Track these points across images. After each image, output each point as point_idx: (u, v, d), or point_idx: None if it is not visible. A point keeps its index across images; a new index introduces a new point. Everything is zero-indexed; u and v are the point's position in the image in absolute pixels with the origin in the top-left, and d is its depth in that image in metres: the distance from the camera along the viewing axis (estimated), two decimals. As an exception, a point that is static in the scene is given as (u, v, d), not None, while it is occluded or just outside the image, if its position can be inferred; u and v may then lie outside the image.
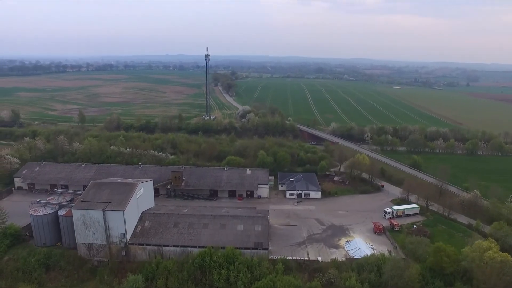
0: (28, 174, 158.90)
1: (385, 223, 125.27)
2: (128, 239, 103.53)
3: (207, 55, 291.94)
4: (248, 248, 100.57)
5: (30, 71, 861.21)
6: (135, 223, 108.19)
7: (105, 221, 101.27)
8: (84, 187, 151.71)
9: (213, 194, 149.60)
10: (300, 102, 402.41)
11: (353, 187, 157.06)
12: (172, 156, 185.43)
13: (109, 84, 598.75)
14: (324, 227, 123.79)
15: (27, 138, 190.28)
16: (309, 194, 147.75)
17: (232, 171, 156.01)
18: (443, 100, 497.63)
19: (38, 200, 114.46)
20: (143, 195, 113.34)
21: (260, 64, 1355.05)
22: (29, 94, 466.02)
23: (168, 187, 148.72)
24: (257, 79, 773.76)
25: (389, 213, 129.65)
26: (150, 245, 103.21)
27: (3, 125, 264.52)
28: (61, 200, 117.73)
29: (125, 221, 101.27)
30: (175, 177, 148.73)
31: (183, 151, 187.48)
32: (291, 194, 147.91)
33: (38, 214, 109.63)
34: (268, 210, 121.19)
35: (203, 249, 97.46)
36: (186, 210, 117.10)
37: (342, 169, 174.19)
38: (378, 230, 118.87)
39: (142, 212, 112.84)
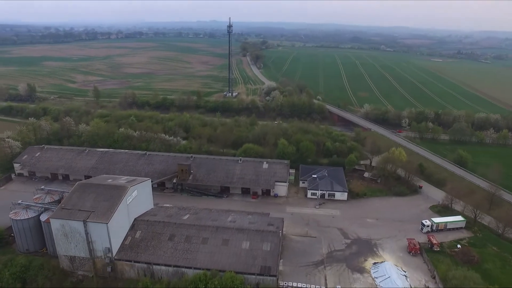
0: (28, 160, 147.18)
1: (422, 238, 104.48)
2: (114, 254, 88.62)
3: (229, 26, 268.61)
4: (253, 274, 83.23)
5: (61, 39, 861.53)
6: (124, 234, 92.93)
7: (86, 233, 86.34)
8: (86, 177, 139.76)
9: (225, 190, 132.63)
10: (332, 77, 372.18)
11: (385, 187, 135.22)
12: (184, 142, 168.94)
13: (135, 54, 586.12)
14: (348, 241, 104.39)
15: (32, 118, 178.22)
16: (333, 195, 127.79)
17: (247, 164, 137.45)
18: (492, 76, 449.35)
19: (20, 201, 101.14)
20: (136, 199, 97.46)
21: (293, 32, 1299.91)
22: (55, 63, 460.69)
23: (174, 181, 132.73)
24: (288, 48, 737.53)
25: (428, 226, 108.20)
26: (139, 262, 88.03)
27: (19, 100, 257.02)
28: (48, 199, 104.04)
29: (109, 234, 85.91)
30: (182, 170, 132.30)
31: (196, 136, 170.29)
32: (313, 194, 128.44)
33: (18, 218, 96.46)
34: (282, 219, 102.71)
35: (198, 272, 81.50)
36: (186, 217, 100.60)
37: (374, 163, 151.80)
38: (413, 251, 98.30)
39: (135, 219, 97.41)
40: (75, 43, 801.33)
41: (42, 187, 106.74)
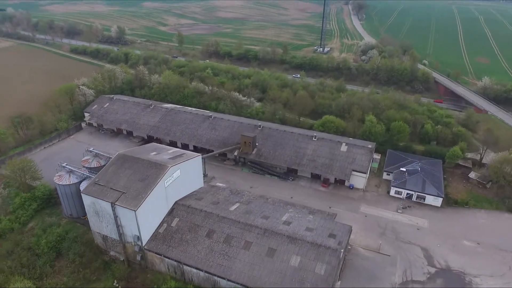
0: (96, 110, 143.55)
1: (545, 284, 75.65)
2: (144, 243, 77.62)
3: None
4: (297, 304, 65.78)
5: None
6: (160, 220, 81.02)
7: (115, 216, 75.93)
8: (148, 137, 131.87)
9: (291, 171, 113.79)
10: (446, 36, 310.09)
11: (497, 197, 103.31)
12: (258, 104, 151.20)
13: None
14: (433, 270, 79.91)
15: (109, 65, 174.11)
16: (424, 198, 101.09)
17: (322, 143, 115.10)
18: None
19: (64, 163, 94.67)
20: (179, 180, 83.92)
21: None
22: (152, 4, 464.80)
23: (235, 153, 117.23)
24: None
25: (557, 269, 78.14)
26: (169, 258, 75.89)
27: (110, 42, 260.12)
28: (94, 163, 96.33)
29: (138, 222, 74.24)
30: (245, 142, 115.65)
31: (271, 99, 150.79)
32: (398, 193, 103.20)
33: (61, 183, 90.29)
34: (350, 229, 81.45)
35: (233, 286, 66.75)
36: (234, 207, 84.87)
37: (485, 160, 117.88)
38: (529, 305, 71.07)
39: (176, 202, 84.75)
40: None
41: (91, 148, 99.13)
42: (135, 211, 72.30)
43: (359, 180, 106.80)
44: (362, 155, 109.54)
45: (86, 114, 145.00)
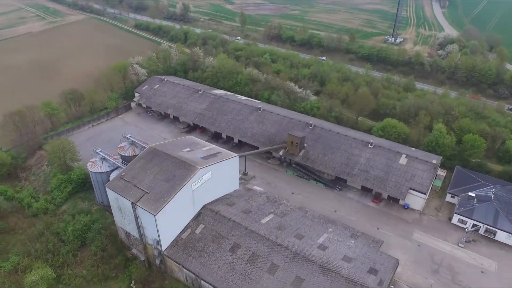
0: (146, 91, 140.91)
1: None
2: (163, 249, 72.10)
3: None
4: None
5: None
6: (184, 225, 75.02)
7: (136, 216, 70.94)
8: (194, 125, 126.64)
9: (340, 180, 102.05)
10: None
11: None
12: (314, 98, 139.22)
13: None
14: (498, 330, 65.76)
15: (166, 44, 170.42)
16: (495, 234, 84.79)
17: (378, 152, 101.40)
18: None
19: (98, 149, 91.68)
20: (210, 182, 76.95)
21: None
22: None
23: (281, 153, 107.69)
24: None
25: None
26: (187, 269, 69.66)
27: (175, 19, 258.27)
28: (129, 152, 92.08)
29: (158, 227, 68.53)
30: (292, 142, 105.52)
31: (329, 93, 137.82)
32: (462, 222, 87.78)
33: (93, 170, 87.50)
34: (396, 263, 69.40)
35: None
36: (267, 219, 76.31)
37: None
38: None
39: (204, 206, 78.05)
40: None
41: (128, 135, 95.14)
42: (154, 215, 66.46)
43: (416, 200, 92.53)
44: (424, 172, 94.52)
45: (136, 94, 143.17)
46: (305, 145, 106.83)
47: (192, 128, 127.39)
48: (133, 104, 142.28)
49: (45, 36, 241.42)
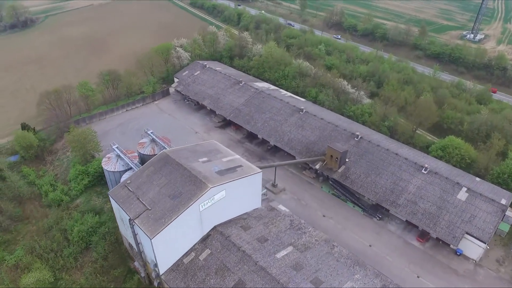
0: (186, 77, 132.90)
1: None
2: (161, 272, 63.96)
3: None
4: None
5: None
6: (188, 247, 65.97)
7: (134, 234, 63.19)
8: (229, 122, 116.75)
9: (382, 207, 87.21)
10: None
11: None
12: (368, 101, 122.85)
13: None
14: None
15: (212, 26, 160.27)
16: None
17: (433, 180, 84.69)
18: None
19: (115, 144, 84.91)
20: (225, 201, 67.12)
21: None
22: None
23: (317, 166, 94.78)
24: None
25: None
26: (183, 302, 61.08)
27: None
28: (148, 150, 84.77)
29: (155, 251, 60.13)
30: (331, 156, 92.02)
31: (386, 98, 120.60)
32: (530, 283, 70.48)
33: (107, 167, 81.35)
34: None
35: None
36: (283, 253, 65.03)
37: None
38: None
39: (215, 227, 68.58)
40: None
41: (150, 131, 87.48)
42: (151, 239, 58.03)
43: (472, 247, 75.88)
44: (488, 214, 77.13)
45: (175, 80, 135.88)
46: (346, 160, 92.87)
47: (227, 123, 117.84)
48: (171, 90, 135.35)
49: (103, 9, 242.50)
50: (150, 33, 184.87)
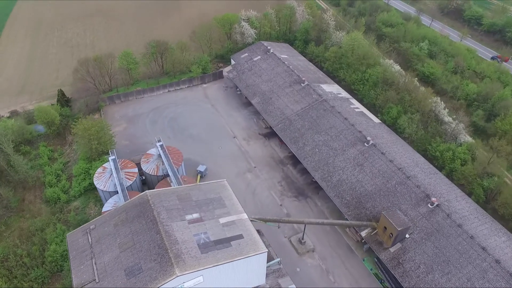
0: (242, 62, 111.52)
1: None
2: None
3: None
4: None
5: None
6: None
7: (74, 309, 48.10)
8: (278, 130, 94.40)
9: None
10: None
11: None
12: (467, 140, 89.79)
13: None
14: None
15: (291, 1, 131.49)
16: None
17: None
18: None
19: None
20: (206, 284, 48.71)
21: None
22: None
23: (363, 234, 70.03)
24: None
25: None
26: None
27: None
28: (151, 168, 68.52)
29: None
30: (385, 228, 66.32)
31: (496, 143, 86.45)
32: None
33: (97, 183, 67.48)
34: None
35: None
36: None
37: None
38: None
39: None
40: None
41: (160, 143, 70.38)
42: (77, 336, 42.47)
43: None
44: None
45: (232, 62, 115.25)
46: (406, 236, 66.74)
47: (274, 132, 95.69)
48: (225, 73, 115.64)
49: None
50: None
